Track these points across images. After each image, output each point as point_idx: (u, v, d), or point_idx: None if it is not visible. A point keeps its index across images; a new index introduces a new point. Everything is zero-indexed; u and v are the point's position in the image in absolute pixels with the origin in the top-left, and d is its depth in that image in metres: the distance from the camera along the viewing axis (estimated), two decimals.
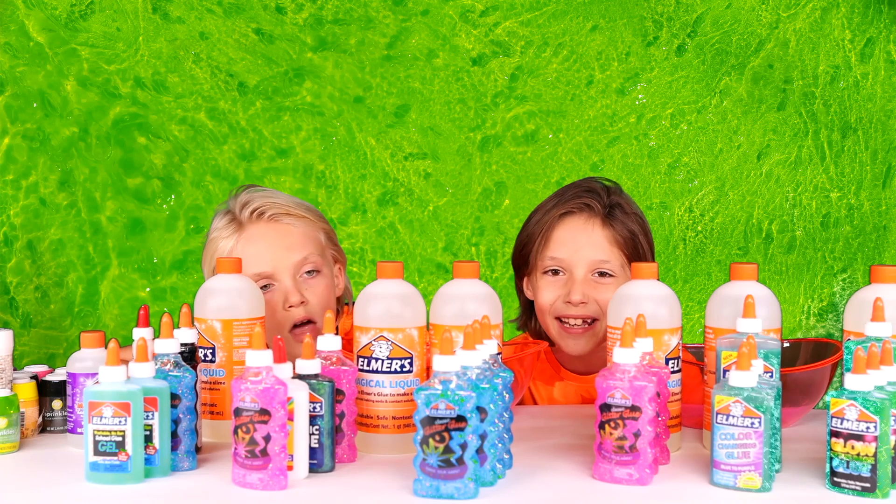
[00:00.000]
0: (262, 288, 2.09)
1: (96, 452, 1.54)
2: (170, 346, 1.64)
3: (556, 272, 2.11)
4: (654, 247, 2.19)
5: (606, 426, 1.54)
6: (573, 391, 2.19)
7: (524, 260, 2.17)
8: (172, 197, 3.28)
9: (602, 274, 2.09)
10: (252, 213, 2.12)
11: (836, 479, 1.49)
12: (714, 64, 3.31)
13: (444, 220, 3.31)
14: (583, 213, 2.11)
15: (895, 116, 3.32)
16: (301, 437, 1.55)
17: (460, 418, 1.44)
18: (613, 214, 2.11)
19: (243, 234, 2.12)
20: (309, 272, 2.13)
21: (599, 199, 2.12)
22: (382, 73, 3.31)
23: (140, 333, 1.72)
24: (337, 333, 1.69)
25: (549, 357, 2.20)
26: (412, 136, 3.32)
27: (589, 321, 2.10)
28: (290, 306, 2.09)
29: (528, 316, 2.23)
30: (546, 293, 2.12)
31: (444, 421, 1.44)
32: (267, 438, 1.50)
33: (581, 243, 2.09)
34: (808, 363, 1.92)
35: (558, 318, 2.12)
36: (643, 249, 2.12)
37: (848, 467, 1.48)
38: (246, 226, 2.12)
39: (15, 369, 1.86)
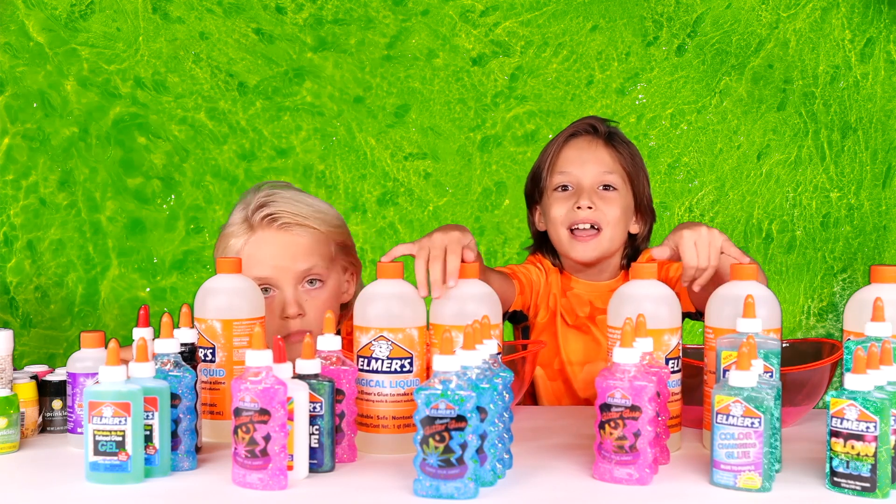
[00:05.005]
0: (262, 291, 2.10)
1: (96, 452, 1.54)
2: (170, 346, 1.64)
3: (565, 188, 2.30)
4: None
5: (606, 426, 1.54)
6: (584, 299, 2.34)
7: (536, 184, 2.34)
8: (172, 197, 3.28)
9: (606, 188, 2.28)
10: (264, 217, 2.12)
11: (836, 478, 1.49)
12: (714, 64, 3.31)
13: (444, 220, 3.31)
14: (587, 135, 2.33)
15: (895, 116, 3.32)
16: (301, 437, 1.55)
17: (460, 418, 1.44)
18: (613, 138, 2.34)
19: (253, 237, 2.13)
20: (311, 281, 2.13)
21: (600, 124, 2.35)
22: (382, 73, 3.31)
23: (140, 333, 1.72)
24: (338, 334, 1.69)
25: (562, 271, 2.38)
26: (412, 136, 3.32)
27: (596, 227, 2.26)
28: (286, 317, 2.10)
29: (537, 246, 2.41)
30: (557, 207, 2.29)
31: (444, 421, 1.44)
32: (267, 438, 1.50)
33: (586, 159, 2.29)
34: (808, 363, 1.92)
35: (569, 229, 2.27)
36: (641, 170, 2.34)
37: (848, 467, 1.48)
38: (256, 229, 2.13)
39: (15, 369, 1.85)
